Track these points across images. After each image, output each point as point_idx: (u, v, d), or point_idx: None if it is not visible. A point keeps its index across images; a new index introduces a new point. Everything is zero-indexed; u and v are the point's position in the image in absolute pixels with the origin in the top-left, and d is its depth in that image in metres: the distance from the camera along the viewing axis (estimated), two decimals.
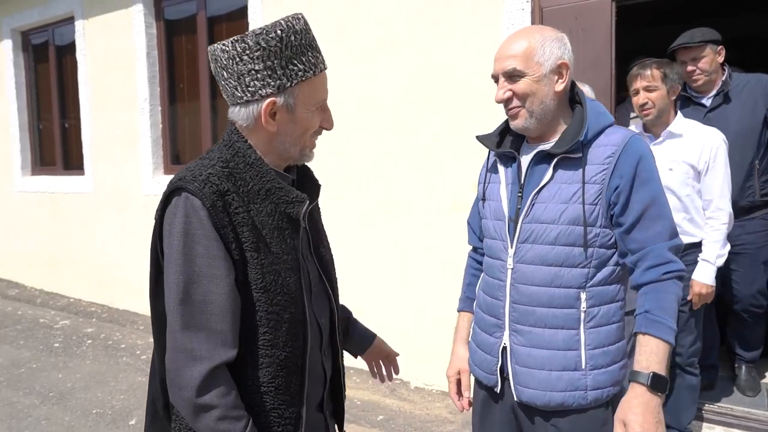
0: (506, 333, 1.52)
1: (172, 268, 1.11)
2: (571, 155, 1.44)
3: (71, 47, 5.84)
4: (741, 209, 2.95)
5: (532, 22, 3.24)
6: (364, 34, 3.78)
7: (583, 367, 1.44)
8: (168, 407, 1.23)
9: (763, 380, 3.41)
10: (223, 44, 1.14)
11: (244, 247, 1.13)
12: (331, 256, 1.44)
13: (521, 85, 1.45)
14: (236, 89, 1.16)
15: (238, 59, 1.13)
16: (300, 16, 1.17)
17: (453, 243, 3.38)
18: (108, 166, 5.55)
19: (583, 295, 1.44)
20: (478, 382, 1.65)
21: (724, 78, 3.00)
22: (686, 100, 3.09)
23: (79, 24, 5.64)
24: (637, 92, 2.72)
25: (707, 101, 3.03)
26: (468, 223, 1.82)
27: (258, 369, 1.17)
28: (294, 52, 1.14)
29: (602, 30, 3.08)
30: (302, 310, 1.22)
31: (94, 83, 5.61)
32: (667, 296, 1.39)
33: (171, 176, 1.45)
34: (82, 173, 5.85)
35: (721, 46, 2.97)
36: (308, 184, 1.34)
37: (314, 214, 1.38)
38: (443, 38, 3.46)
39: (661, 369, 1.35)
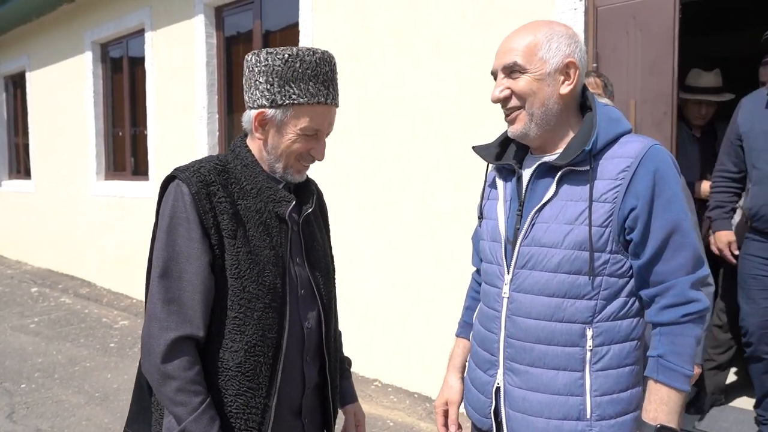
0: (500, 371, 1.33)
1: (158, 245, 1.23)
2: (578, 168, 1.23)
3: (142, 59, 6.10)
4: None
5: (586, 23, 2.98)
6: (418, 41, 3.65)
7: (588, 416, 1.23)
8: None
9: None
10: (248, 55, 1.27)
11: (223, 234, 1.23)
12: (327, 267, 1.46)
13: (521, 83, 1.26)
14: (246, 94, 1.29)
15: (251, 69, 1.26)
16: (318, 51, 1.25)
17: None
18: (169, 172, 5.71)
19: (589, 332, 1.23)
20: (472, 423, 1.47)
21: None
22: None
23: (148, 35, 5.88)
24: None
25: None
26: (472, 240, 1.64)
27: (227, 351, 1.23)
28: (294, 77, 1.22)
29: (663, 30, 2.77)
30: (281, 304, 1.27)
31: (159, 92, 5.82)
32: (686, 340, 1.19)
33: None
34: (147, 179, 6.08)
35: None
36: (305, 193, 1.40)
37: (313, 223, 1.44)
38: (494, 43, 3.26)
39: (671, 420, 1.17)
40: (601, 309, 1.23)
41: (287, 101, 1.23)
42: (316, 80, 1.23)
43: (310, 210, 1.38)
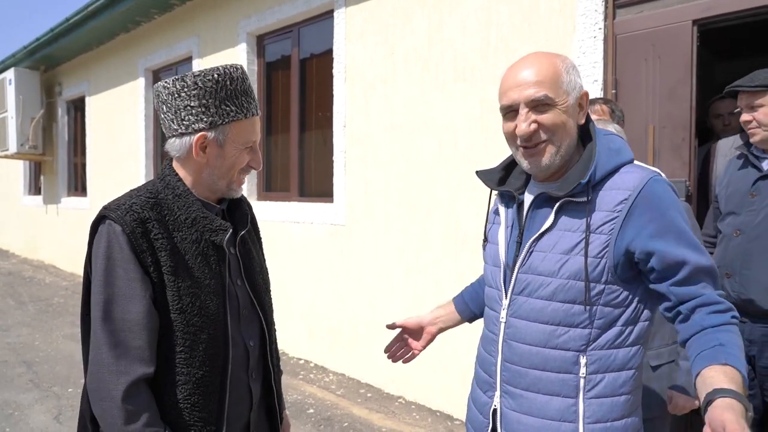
0: (497, 394, 1.37)
1: (96, 289, 1.20)
2: (576, 199, 1.25)
3: None
4: None
5: (605, 51, 3.05)
6: (443, 67, 3.79)
7: None
8: (95, 421, 1.25)
9: None
10: (165, 82, 1.26)
11: (163, 271, 1.21)
12: (265, 283, 1.49)
13: (551, 116, 1.25)
14: (173, 122, 1.27)
15: (176, 95, 1.25)
16: (238, 67, 1.29)
17: None
18: None
19: (582, 359, 1.24)
20: None
21: None
22: (744, 160, 2.41)
23: (195, 63, 6.22)
24: None
25: (766, 164, 2.30)
26: None
27: (175, 386, 1.23)
28: (228, 95, 1.25)
29: (681, 57, 2.82)
30: (224, 331, 1.29)
31: None
32: (739, 339, 1.17)
33: (264, 202, 1.61)
34: None
35: None
36: (238, 214, 1.43)
37: (248, 242, 1.45)
38: None
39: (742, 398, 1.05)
40: (596, 338, 1.25)
41: (227, 120, 1.25)
42: (246, 94, 1.28)
43: (245, 231, 1.41)
